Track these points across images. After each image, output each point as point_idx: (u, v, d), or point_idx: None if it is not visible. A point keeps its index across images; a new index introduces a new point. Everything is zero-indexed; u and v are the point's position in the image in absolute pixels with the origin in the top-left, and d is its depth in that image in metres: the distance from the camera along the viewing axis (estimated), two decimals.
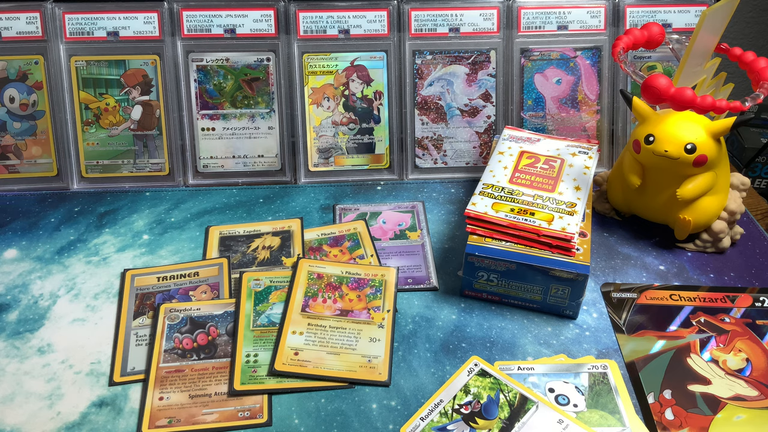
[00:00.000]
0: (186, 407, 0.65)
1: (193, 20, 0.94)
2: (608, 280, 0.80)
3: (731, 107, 0.75)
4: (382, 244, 0.85)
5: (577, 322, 0.75)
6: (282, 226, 0.87)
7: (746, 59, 0.83)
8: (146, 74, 0.94)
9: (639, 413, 0.65)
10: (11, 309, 0.76)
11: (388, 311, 0.74)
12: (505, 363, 0.69)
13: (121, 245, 0.85)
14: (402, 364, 0.70)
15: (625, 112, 0.98)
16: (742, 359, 0.70)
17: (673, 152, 0.76)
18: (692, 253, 0.84)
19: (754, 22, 1.42)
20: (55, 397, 0.66)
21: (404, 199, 0.94)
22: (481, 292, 0.77)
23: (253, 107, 0.96)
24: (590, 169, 0.83)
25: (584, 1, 0.97)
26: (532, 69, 0.98)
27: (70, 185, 0.96)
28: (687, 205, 0.81)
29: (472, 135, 0.98)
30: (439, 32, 0.96)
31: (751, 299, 0.77)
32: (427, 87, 0.97)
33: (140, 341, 0.72)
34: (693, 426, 0.64)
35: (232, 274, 0.79)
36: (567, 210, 0.76)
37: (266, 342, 0.71)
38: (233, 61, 0.95)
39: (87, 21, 0.93)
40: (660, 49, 0.93)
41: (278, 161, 0.97)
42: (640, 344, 0.72)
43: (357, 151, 0.98)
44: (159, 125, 0.95)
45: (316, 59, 0.96)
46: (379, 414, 0.65)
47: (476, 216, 0.76)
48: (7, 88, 0.93)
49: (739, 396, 0.66)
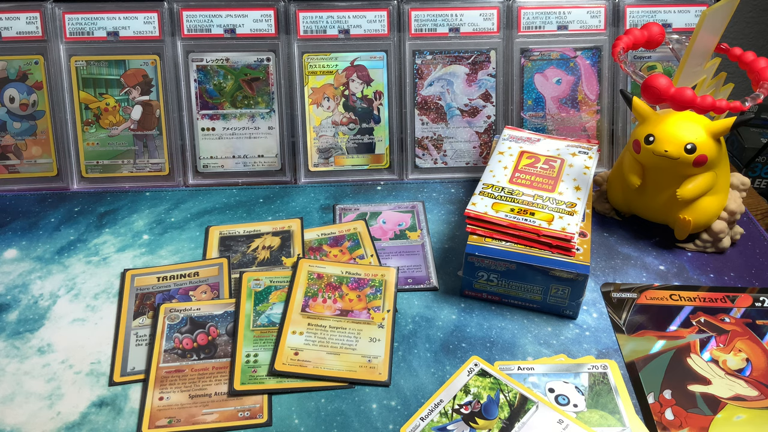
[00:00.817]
0: (186, 407, 0.65)
1: (193, 20, 0.94)
2: (608, 280, 0.80)
3: (731, 107, 0.75)
4: (382, 244, 0.85)
5: (577, 322, 0.75)
6: (282, 226, 0.87)
7: (746, 59, 0.83)
8: (146, 74, 0.94)
9: (639, 413, 0.65)
10: (11, 309, 0.76)
11: (388, 311, 0.74)
12: (505, 363, 0.69)
13: (121, 245, 0.85)
14: (402, 364, 0.70)
15: (625, 112, 0.98)
16: (742, 359, 0.70)
17: (673, 152, 0.76)
18: (692, 253, 0.84)
19: (754, 22, 1.42)
20: (55, 397, 0.66)
21: (404, 199, 0.94)
22: (481, 292, 0.77)
23: (253, 107, 0.96)
24: (590, 169, 0.83)
25: (584, 1, 0.97)
26: (532, 69, 0.98)
27: (70, 185, 0.96)
28: (687, 205, 0.81)
29: (472, 135, 0.98)
30: (439, 32, 0.96)
31: (751, 299, 0.77)
32: (427, 87, 0.97)
33: (140, 341, 0.72)
34: (693, 426, 0.64)
35: (232, 274, 0.79)
36: (567, 210, 0.76)
37: (266, 342, 0.71)
38: (233, 61, 0.95)
39: (87, 21, 0.93)
40: (660, 49, 0.93)
41: (278, 161, 0.97)
42: (640, 344, 0.72)
43: (357, 151, 0.98)
44: (159, 125, 0.95)
45: (316, 59, 0.96)
46: (379, 414, 0.65)
47: (476, 216, 0.76)
48: (7, 88, 0.93)
49: (739, 396, 0.66)
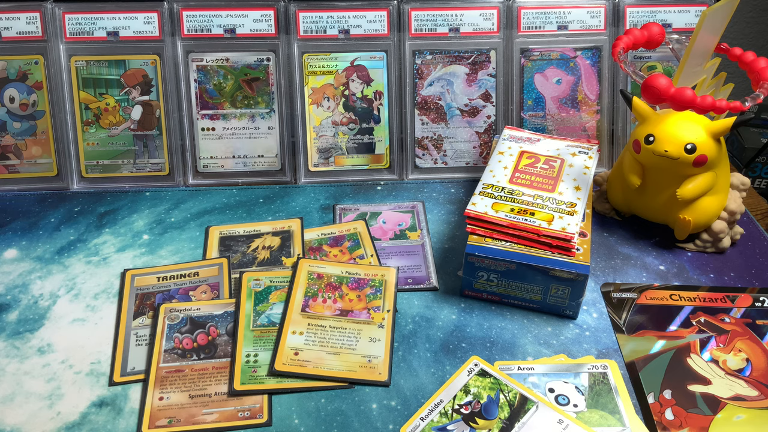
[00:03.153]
0: (186, 407, 0.65)
1: (193, 20, 0.94)
2: (608, 280, 0.80)
3: (731, 107, 0.75)
4: (382, 244, 0.85)
5: (577, 322, 0.75)
6: (282, 226, 0.87)
7: (746, 59, 0.83)
8: (146, 74, 0.94)
9: (639, 413, 0.65)
10: (11, 309, 0.76)
11: (388, 311, 0.74)
12: (506, 363, 0.69)
13: (121, 245, 0.85)
14: (402, 364, 0.70)
15: (625, 112, 0.98)
16: (742, 359, 0.70)
17: (673, 152, 0.76)
18: (692, 253, 0.84)
19: (754, 22, 1.42)
20: (55, 397, 0.66)
21: (404, 199, 0.94)
22: (481, 292, 0.77)
23: (253, 107, 0.96)
24: (590, 169, 0.83)
25: (584, 1, 0.97)
26: (532, 69, 0.98)
27: (70, 185, 0.96)
28: (687, 205, 0.81)
29: (472, 135, 0.98)
30: (439, 32, 0.96)
31: (751, 299, 0.77)
32: (427, 87, 0.97)
33: (140, 341, 0.72)
34: (693, 426, 0.64)
35: (232, 274, 0.79)
36: (567, 210, 0.76)
37: (266, 342, 0.71)
38: (233, 61, 0.95)
39: (87, 21, 0.93)
40: (660, 49, 0.93)
41: (278, 161, 0.97)
42: (640, 344, 0.72)
43: (357, 151, 0.98)
44: (159, 125, 0.95)
45: (316, 59, 0.96)
46: (379, 414, 0.65)
47: (476, 216, 0.76)
48: (7, 88, 0.93)
49: (739, 396, 0.66)
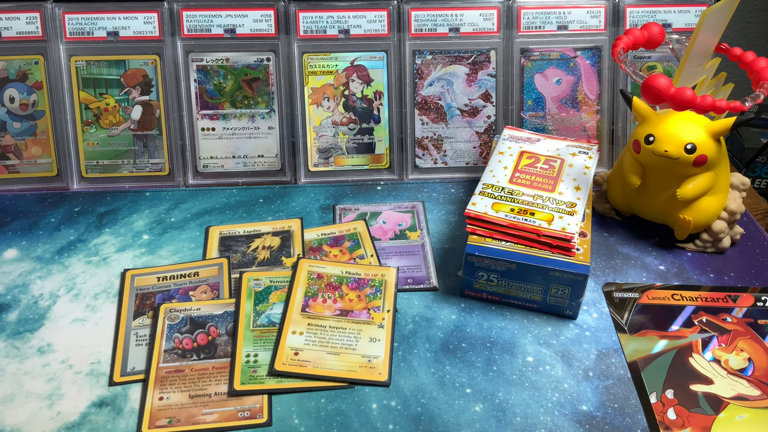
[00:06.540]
0: (186, 407, 0.65)
1: (193, 20, 0.94)
2: (608, 280, 0.80)
3: (731, 107, 0.75)
4: (382, 244, 0.85)
5: (577, 322, 0.75)
6: (282, 226, 0.87)
7: (746, 59, 0.83)
8: (146, 74, 0.94)
9: (641, 413, 0.65)
10: (11, 309, 0.76)
11: (388, 311, 0.74)
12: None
13: (121, 245, 0.85)
14: (402, 364, 0.70)
15: (625, 112, 0.98)
16: (744, 359, 0.70)
17: (673, 152, 0.76)
18: (692, 253, 0.84)
19: (754, 22, 1.42)
20: (55, 397, 0.66)
21: (404, 199, 0.94)
22: (481, 292, 0.76)
23: (253, 107, 0.96)
24: (590, 169, 0.83)
25: (584, 1, 0.97)
26: (532, 69, 0.98)
27: (70, 185, 0.95)
28: (687, 205, 0.81)
29: (472, 135, 0.98)
30: (439, 32, 0.96)
31: (752, 299, 0.77)
32: (427, 87, 0.97)
33: (140, 341, 0.72)
34: (695, 426, 0.64)
35: (232, 274, 0.79)
36: (567, 210, 0.76)
37: (266, 342, 0.71)
38: (233, 61, 0.95)
39: (87, 21, 0.93)
40: (660, 49, 0.93)
41: (278, 161, 0.97)
42: (642, 344, 0.72)
43: (357, 151, 0.98)
44: (159, 125, 0.95)
45: (316, 59, 0.96)
46: (379, 414, 0.65)
47: (476, 216, 0.76)
48: (7, 88, 0.93)
49: (741, 396, 0.66)
